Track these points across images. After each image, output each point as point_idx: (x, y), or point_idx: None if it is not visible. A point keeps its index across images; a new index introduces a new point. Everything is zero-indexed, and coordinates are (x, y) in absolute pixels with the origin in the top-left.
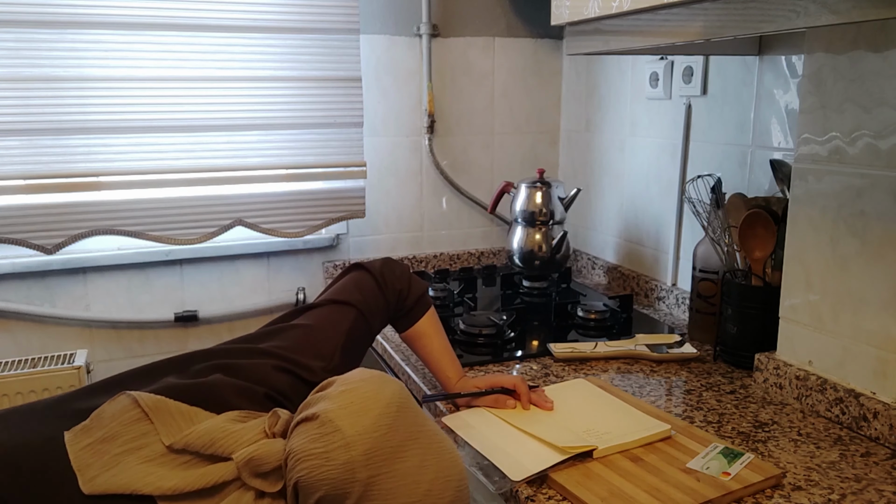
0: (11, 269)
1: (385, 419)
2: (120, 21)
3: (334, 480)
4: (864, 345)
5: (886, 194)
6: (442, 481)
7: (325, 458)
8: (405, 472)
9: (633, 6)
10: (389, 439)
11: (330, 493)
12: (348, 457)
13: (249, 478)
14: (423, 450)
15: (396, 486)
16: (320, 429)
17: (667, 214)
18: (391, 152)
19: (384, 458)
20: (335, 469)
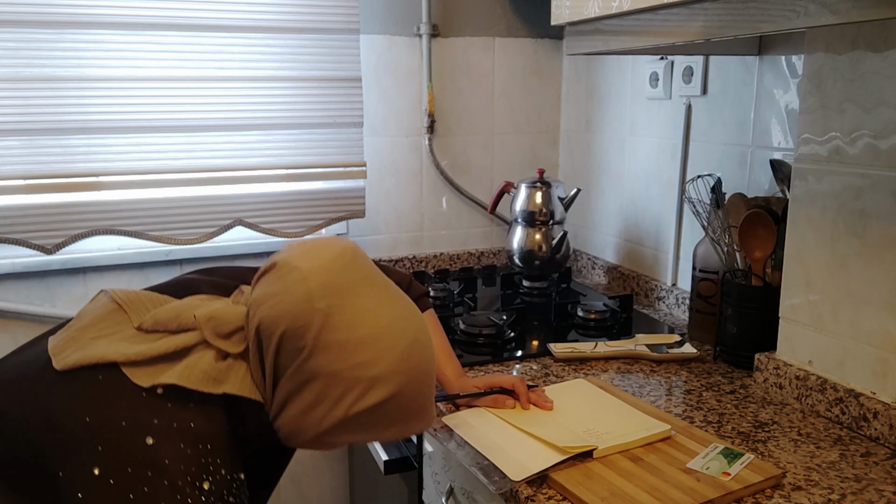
0: (11, 269)
1: (340, 259)
2: (120, 21)
3: (294, 312)
4: (864, 345)
5: (886, 194)
6: (402, 320)
7: (284, 293)
8: (363, 306)
9: (633, 6)
10: (345, 276)
11: (291, 326)
12: (306, 288)
13: (212, 337)
14: (380, 291)
15: (356, 318)
16: (278, 272)
17: (667, 214)
18: (391, 152)
19: (341, 291)
20: (294, 301)
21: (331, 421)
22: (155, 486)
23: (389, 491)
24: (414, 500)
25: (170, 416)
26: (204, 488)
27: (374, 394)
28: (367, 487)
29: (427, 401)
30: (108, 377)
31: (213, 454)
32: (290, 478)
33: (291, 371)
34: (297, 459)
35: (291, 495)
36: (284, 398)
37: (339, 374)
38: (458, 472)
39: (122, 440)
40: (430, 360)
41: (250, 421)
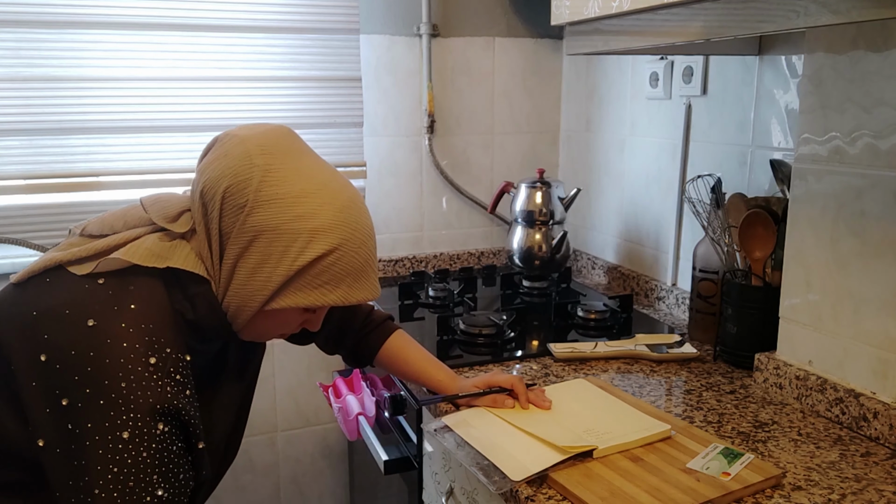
0: (11, 269)
1: (278, 130)
2: (120, 21)
3: (234, 168)
4: (864, 345)
5: (886, 194)
6: (338, 182)
7: (224, 155)
8: (300, 166)
9: (633, 6)
10: (282, 142)
11: (232, 182)
12: (244, 148)
13: (158, 218)
14: (315, 157)
15: (293, 174)
16: (218, 143)
17: (667, 214)
18: (391, 152)
19: (279, 152)
20: (233, 159)
21: (277, 279)
22: (99, 365)
23: (389, 491)
24: (414, 500)
25: (110, 300)
26: (150, 363)
27: (316, 246)
28: (367, 487)
29: (369, 266)
30: (53, 276)
31: (157, 332)
32: (290, 478)
33: (236, 231)
34: (296, 459)
35: (291, 495)
36: (232, 264)
37: (280, 227)
38: (458, 472)
39: (65, 325)
40: (368, 224)
41: (199, 301)
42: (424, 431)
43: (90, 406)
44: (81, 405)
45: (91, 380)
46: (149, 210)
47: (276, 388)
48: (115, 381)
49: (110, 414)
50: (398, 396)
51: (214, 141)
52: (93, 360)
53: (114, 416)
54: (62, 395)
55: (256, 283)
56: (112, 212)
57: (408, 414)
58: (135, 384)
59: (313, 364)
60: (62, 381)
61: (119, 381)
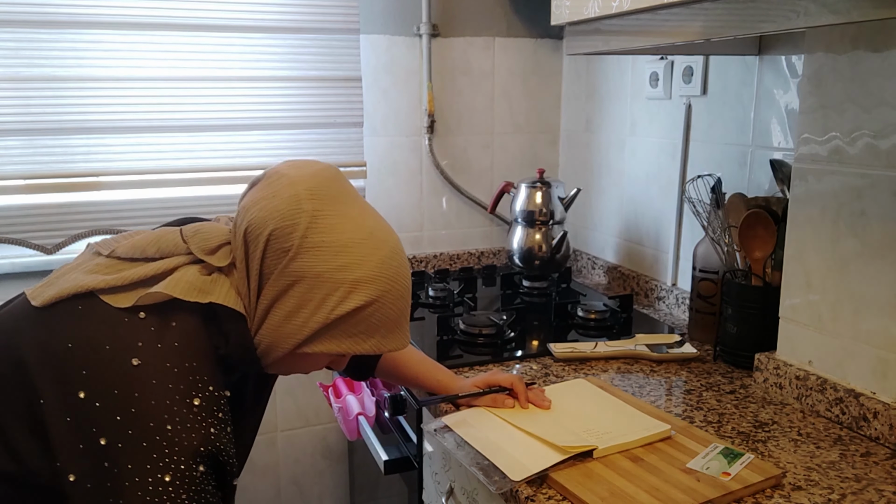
0: (11, 269)
1: (327, 172)
2: (120, 21)
3: (282, 212)
4: (864, 345)
5: (886, 194)
6: (383, 231)
7: (272, 196)
8: (347, 213)
9: (633, 6)
10: (331, 186)
11: (278, 226)
12: (294, 191)
13: (198, 251)
14: (362, 203)
15: (341, 222)
16: (267, 180)
17: (667, 214)
18: (391, 152)
19: (328, 197)
20: (282, 202)
21: (312, 326)
22: (144, 406)
23: (389, 491)
24: (414, 500)
25: (154, 337)
26: (194, 405)
27: (356, 297)
28: (367, 487)
29: (403, 318)
30: (87, 305)
31: (200, 371)
32: (291, 478)
33: (277, 274)
34: (296, 459)
35: (291, 495)
36: (268, 305)
37: (322, 275)
38: (458, 472)
39: (107, 362)
40: (407, 276)
41: (233, 337)
42: (424, 431)
43: (132, 447)
44: (122, 445)
45: (135, 421)
46: (189, 241)
47: (276, 388)
48: (160, 423)
49: (153, 456)
50: (398, 396)
51: (261, 177)
52: (137, 402)
53: (156, 459)
54: (101, 433)
55: (291, 326)
56: (143, 234)
57: (408, 414)
58: (180, 426)
59: None
60: (102, 420)
61: (164, 423)
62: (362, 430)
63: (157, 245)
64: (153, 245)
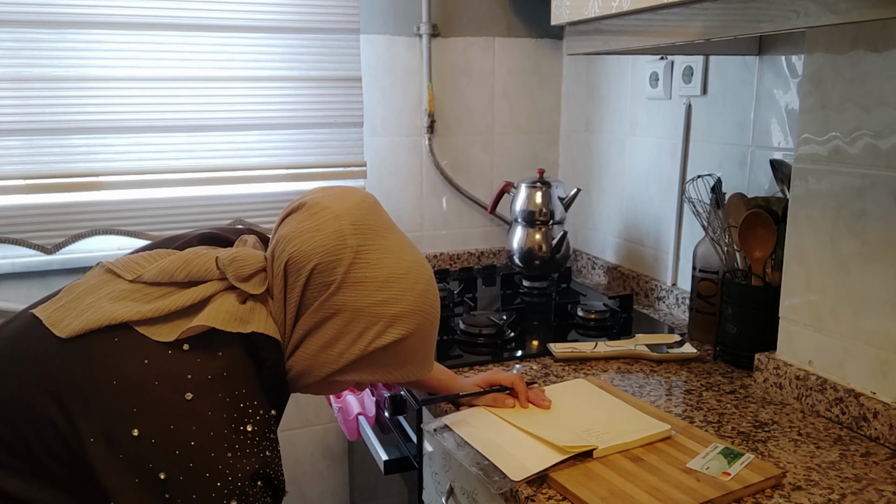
0: (11, 269)
1: (366, 204)
2: (120, 21)
3: (327, 247)
4: (864, 345)
5: (886, 194)
6: (420, 265)
7: (316, 229)
8: (389, 247)
9: (633, 6)
10: (372, 219)
11: (323, 261)
12: (338, 226)
13: (235, 279)
14: (400, 236)
15: (383, 258)
16: (308, 211)
17: (667, 214)
18: (391, 152)
19: (370, 231)
20: (327, 236)
21: (349, 357)
22: (201, 439)
23: (389, 491)
24: (414, 500)
25: (202, 369)
26: (248, 430)
27: (394, 331)
28: (367, 487)
29: (432, 346)
30: (124, 338)
31: (250, 398)
32: (291, 478)
33: (316, 306)
34: (296, 459)
35: (291, 495)
36: (303, 334)
37: (363, 309)
38: (458, 472)
39: (160, 399)
40: (438, 307)
41: (268, 363)
42: (424, 431)
43: (195, 479)
44: (184, 478)
45: (195, 454)
46: (226, 270)
47: None
48: (220, 452)
49: (217, 485)
50: (398, 396)
51: (300, 205)
52: (195, 435)
53: (220, 487)
54: (158, 468)
55: (328, 356)
56: (170, 257)
57: (408, 414)
58: (240, 453)
59: None
60: (159, 456)
61: (224, 452)
62: (362, 430)
63: (186, 269)
64: (182, 270)
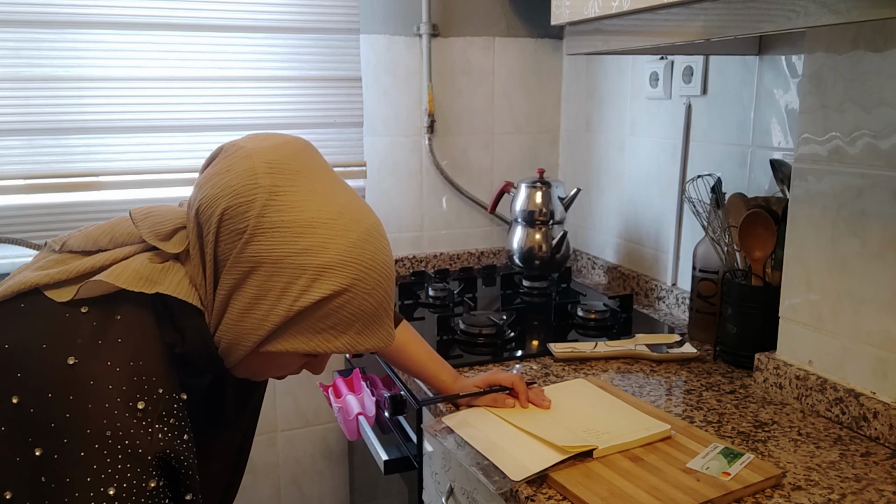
0: (11, 269)
1: (292, 145)
2: (120, 21)
3: (235, 187)
4: (864, 345)
5: (886, 194)
6: (356, 212)
7: (227, 170)
8: (312, 190)
9: (633, 6)
10: (295, 160)
11: (231, 204)
12: (250, 164)
13: (149, 236)
14: (333, 180)
15: (304, 200)
16: (222, 154)
17: (667, 214)
18: (391, 152)
19: (290, 171)
20: (236, 176)
21: (274, 320)
22: (79, 411)
23: (389, 491)
24: (414, 500)
25: (94, 332)
26: (138, 408)
27: (322, 285)
28: (367, 487)
29: (383, 311)
30: (30, 303)
31: (146, 371)
32: (291, 478)
33: (232, 259)
34: (296, 459)
35: (291, 495)
36: (226, 296)
37: (282, 260)
38: (458, 472)
39: (42, 363)
40: (387, 262)
41: (189, 334)
42: (424, 431)
43: (69, 458)
44: (58, 457)
45: (70, 428)
46: (139, 225)
47: (277, 388)
48: (97, 429)
49: (93, 467)
50: (398, 396)
51: (219, 151)
52: (72, 405)
53: (97, 470)
54: (35, 443)
55: (251, 321)
56: (98, 225)
57: (408, 414)
58: (121, 433)
59: None
60: (36, 428)
61: (103, 430)
62: (362, 430)
63: (110, 234)
64: (106, 235)
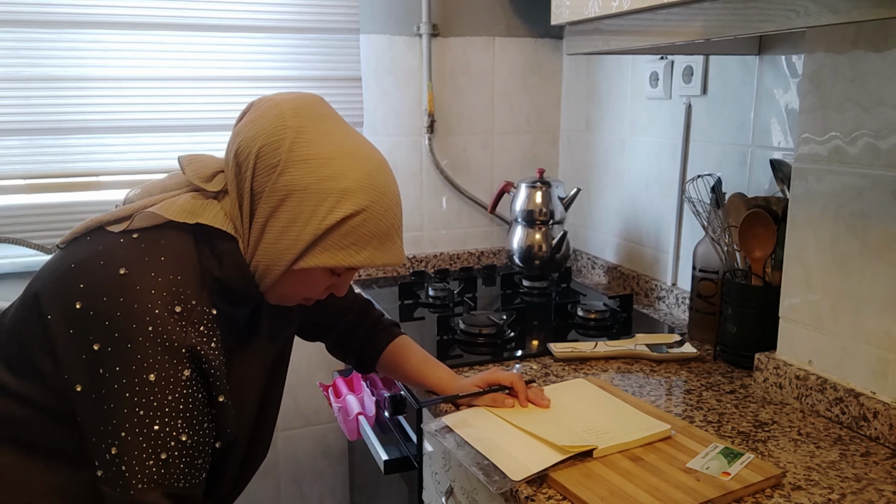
0: (11, 269)
1: (311, 97)
2: (120, 21)
3: (268, 129)
4: (864, 345)
5: (886, 194)
6: (368, 148)
7: (259, 117)
8: (331, 131)
9: (633, 6)
10: (315, 107)
11: (266, 142)
12: (279, 111)
13: (193, 177)
14: (346, 126)
15: (324, 137)
16: (254, 107)
17: (667, 214)
18: (391, 152)
19: (311, 115)
20: (268, 121)
21: (305, 238)
22: (127, 310)
23: (389, 491)
24: (414, 500)
25: (142, 252)
26: (175, 311)
27: (344, 206)
28: (367, 487)
29: (395, 231)
30: (94, 235)
31: (184, 285)
32: (291, 478)
33: (268, 191)
34: (296, 459)
35: (291, 495)
36: (262, 224)
37: (310, 187)
38: (458, 472)
39: (99, 275)
40: (396, 191)
41: (226, 259)
42: (424, 431)
43: (118, 349)
44: (111, 349)
45: (120, 324)
46: (185, 168)
47: None
48: (142, 324)
49: (137, 357)
50: (398, 396)
51: (250, 106)
52: (122, 306)
53: (140, 359)
54: (94, 340)
55: (286, 241)
56: (153, 181)
57: (408, 414)
58: (160, 328)
59: (313, 364)
60: (95, 327)
61: (146, 325)
62: (362, 430)
63: (161, 186)
64: (158, 186)
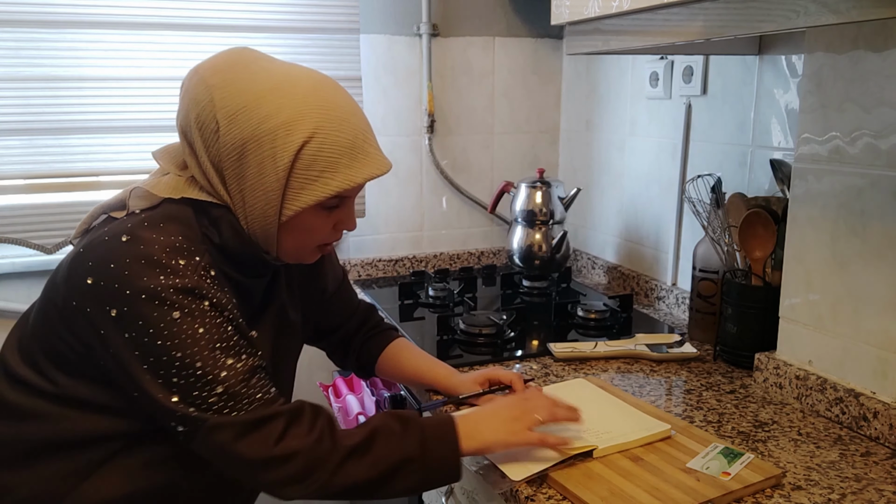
0: (11, 269)
1: (233, 51)
2: (120, 21)
3: (194, 97)
4: (864, 345)
5: (886, 194)
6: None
7: (185, 91)
8: (253, 73)
9: (633, 6)
10: (236, 56)
11: (196, 110)
12: (198, 77)
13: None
14: (271, 60)
15: (248, 82)
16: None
17: (667, 214)
18: (391, 152)
19: (228, 67)
20: (192, 90)
21: (276, 185)
22: (135, 267)
23: None
24: (414, 500)
25: (143, 220)
26: (180, 263)
27: (291, 138)
28: None
29: (361, 140)
30: (100, 222)
31: (187, 244)
32: None
33: (224, 155)
34: None
35: None
36: (238, 191)
37: (254, 135)
38: None
39: (103, 249)
40: (344, 102)
41: (223, 224)
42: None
43: (136, 305)
44: (128, 308)
45: (130, 283)
46: (159, 160)
47: None
48: (152, 276)
49: (154, 303)
50: (398, 396)
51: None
52: (128, 266)
53: (158, 304)
54: (111, 307)
55: (266, 192)
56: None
57: None
58: (170, 271)
59: (313, 364)
60: (107, 295)
61: (157, 276)
62: None
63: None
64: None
